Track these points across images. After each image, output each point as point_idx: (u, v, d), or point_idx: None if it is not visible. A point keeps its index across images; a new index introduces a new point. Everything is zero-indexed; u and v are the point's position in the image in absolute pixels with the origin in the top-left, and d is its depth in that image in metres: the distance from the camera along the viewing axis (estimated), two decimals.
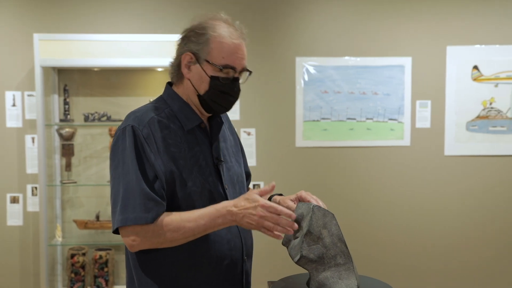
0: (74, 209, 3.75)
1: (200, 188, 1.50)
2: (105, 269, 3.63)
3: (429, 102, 3.86)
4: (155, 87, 3.69)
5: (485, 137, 3.87)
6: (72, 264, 3.61)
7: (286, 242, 1.55)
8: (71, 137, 3.61)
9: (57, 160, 3.69)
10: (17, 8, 3.64)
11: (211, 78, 1.50)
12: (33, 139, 3.65)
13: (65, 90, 3.63)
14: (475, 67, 3.85)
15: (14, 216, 3.68)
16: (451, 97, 3.85)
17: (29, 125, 3.66)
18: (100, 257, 3.62)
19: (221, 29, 1.50)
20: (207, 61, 1.49)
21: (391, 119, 3.84)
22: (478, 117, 3.87)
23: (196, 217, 1.41)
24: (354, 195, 3.87)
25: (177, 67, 1.57)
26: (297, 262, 1.45)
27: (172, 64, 1.59)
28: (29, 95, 3.64)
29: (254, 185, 3.75)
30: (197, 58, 1.51)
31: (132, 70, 3.71)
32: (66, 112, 3.62)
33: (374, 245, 3.89)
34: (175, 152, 1.49)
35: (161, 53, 3.38)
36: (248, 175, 1.83)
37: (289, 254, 1.50)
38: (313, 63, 3.80)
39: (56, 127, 3.63)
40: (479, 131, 3.87)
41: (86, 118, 3.59)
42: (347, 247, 1.48)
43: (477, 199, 3.90)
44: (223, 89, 1.51)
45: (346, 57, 3.82)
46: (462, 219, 3.91)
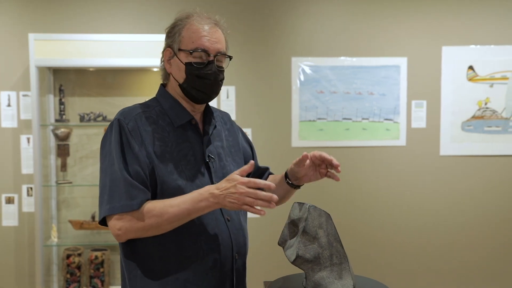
0: (70, 210, 3.74)
1: (186, 183, 1.51)
2: (101, 270, 3.63)
3: (425, 102, 3.87)
4: (151, 87, 3.69)
5: (481, 137, 3.88)
6: (68, 265, 3.60)
7: (282, 242, 1.55)
8: (67, 137, 3.60)
9: (53, 161, 3.68)
10: (12, 8, 3.63)
11: (186, 65, 1.55)
12: (29, 140, 3.64)
13: (61, 90, 3.62)
14: (471, 67, 3.86)
15: (9, 217, 3.66)
16: (447, 97, 3.87)
17: (25, 125, 3.65)
18: (96, 258, 3.61)
19: (191, 18, 1.56)
20: (180, 49, 1.55)
21: (387, 119, 3.85)
22: (474, 117, 3.88)
23: (179, 202, 1.43)
24: (350, 195, 3.88)
25: (164, 67, 1.64)
26: (293, 262, 1.45)
27: (161, 66, 1.66)
28: (24, 95, 3.63)
29: None
30: (174, 51, 1.57)
31: (128, 70, 3.70)
32: (62, 112, 3.61)
33: (370, 245, 3.90)
34: (161, 146, 1.52)
35: (157, 53, 3.31)
36: (265, 169, 1.87)
37: (285, 254, 1.50)
38: (309, 63, 3.81)
39: (52, 127, 3.62)
40: (475, 131, 3.88)
41: (82, 118, 3.58)
42: (343, 247, 1.48)
43: (473, 199, 3.92)
44: (198, 73, 1.54)
45: (342, 57, 3.82)
46: (458, 219, 3.92)
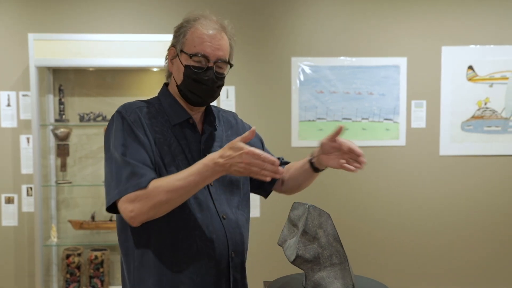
0: (69, 210, 3.74)
1: None
2: (101, 270, 3.62)
3: (424, 102, 3.87)
4: (150, 87, 3.69)
5: (480, 137, 3.88)
6: (68, 265, 3.60)
7: (282, 242, 1.55)
8: (66, 137, 3.60)
9: (52, 161, 3.68)
10: (12, 8, 3.63)
11: (185, 67, 1.56)
12: (28, 139, 3.63)
13: (60, 90, 3.62)
14: (470, 67, 3.86)
15: (9, 217, 3.66)
16: (446, 97, 3.87)
17: (24, 125, 3.65)
18: (96, 258, 3.61)
19: (198, 22, 1.57)
20: (182, 51, 1.57)
21: (387, 119, 3.85)
22: (473, 117, 3.88)
23: (186, 175, 1.43)
24: (350, 195, 3.88)
25: (167, 65, 1.66)
26: (293, 262, 1.45)
27: (165, 64, 1.67)
28: (24, 95, 3.63)
29: None
30: (177, 51, 1.59)
31: (127, 70, 3.70)
32: (61, 112, 3.61)
33: (370, 245, 3.90)
34: (160, 139, 1.55)
35: (156, 53, 3.38)
36: (284, 163, 1.87)
37: (285, 254, 1.50)
38: (309, 63, 3.80)
39: (51, 127, 3.62)
40: (474, 131, 3.88)
41: (81, 118, 3.58)
42: (343, 247, 1.48)
43: (472, 199, 3.92)
44: (196, 78, 1.56)
45: (342, 57, 3.82)
46: (457, 219, 3.92)
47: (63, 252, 3.62)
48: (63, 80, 3.69)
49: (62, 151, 3.61)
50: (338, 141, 1.62)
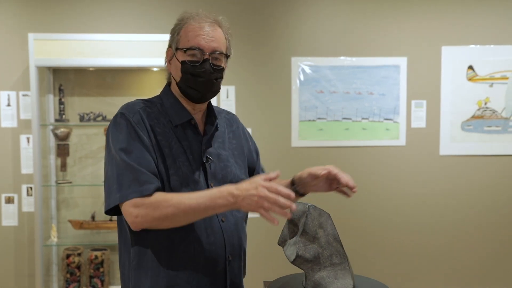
0: (70, 209, 3.74)
1: (181, 179, 1.52)
2: (101, 269, 3.63)
3: (425, 102, 3.87)
4: (151, 87, 3.69)
5: (480, 137, 3.88)
6: (68, 265, 3.60)
7: (282, 242, 1.55)
8: (66, 137, 3.60)
9: (52, 160, 3.68)
10: (12, 8, 3.63)
11: (182, 63, 1.56)
12: (28, 139, 3.64)
13: (60, 90, 3.62)
14: (470, 67, 3.86)
15: (9, 217, 3.66)
16: (446, 97, 3.87)
17: (24, 125, 3.65)
18: (96, 257, 3.61)
19: (191, 18, 1.58)
20: (177, 48, 1.57)
21: (387, 119, 3.85)
22: (473, 117, 3.88)
23: (197, 196, 1.42)
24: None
25: (167, 67, 1.66)
26: (293, 262, 1.45)
27: (165, 66, 1.68)
28: (24, 95, 3.63)
29: None
30: (173, 50, 1.60)
31: (128, 70, 3.70)
32: (61, 112, 3.61)
33: (370, 245, 3.90)
34: (161, 140, 1.54)
35: (156, 53, 3.38)
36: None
37: (285, 254, 1.50)
38: (309, 63, 3.80)
39: (51, 127, 3.62)
40: (474, 131, 3.88)
41: (82, 118, 3.58)
42: (343, 247, 1.48)
43: (472, 199, 3.92)
44: (193, 71, 1.55)
45: (342, 57, 3.82)
46: (457, 219, 3.92)
47: (63, 252, 3.62)
48: (63, 80, 3.69)
49: (62, 151, 3.61)
50: (333, 174, 1.58)
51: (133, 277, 1.56)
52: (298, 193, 1.70)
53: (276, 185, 1.35)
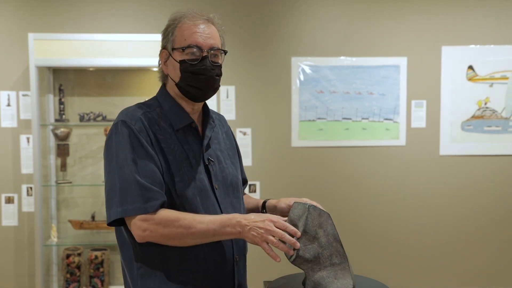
0: (70, 209, 3.74)
1: (187, 185, 1.51)
2: (101, 269, 3.63)
3: (425, 102, 3.87)
4: (150, 87, 3.69)
5: (480, 137, 3.88)
6: (68, 265, 3.60)
7: (282, 242, 1.55)
8: (66, 137, 3.60)
9: (52, 160, 3.68)
10: (12, 8, 3.63)
11: (180, 63, 1.55)
12: (28, 139, 3.64)
13: (60, 90, 3.62)
14: (470, 67, 3.86)
15: (9, 217, 3.66)
16: (446, 97, 3.87)
17: (24, 125, 3.65)
18: (96, 257, 3.61)
19: (183, 17, 1.58)
20: (174, 48, 1.57)
21: (387, 119, 3.85)
22: (473, 117, 3.88)
23: (208, 221, 1.42)
24: (350, 195, 3.88)
25: (161, 69, 1.65)
26: (293, 262, 1.45)
27: (159, 68, 1.67)
28: (24, 95, 3.63)
29: (250, 185, 3.75)
30: (169, 51, 1.59)
31: (127, 70, 3.70)
32: (61, 112, 3.61)
33: (370, 245, 3.90)
34: (165, 148, 1.52)
35: (156, 53, 3.32)
36: (245, 181, 1.83)
37: (285, 254, 1.50)
38: (309, 63, 3.80)
39: (51, 127, 3.62)
40: (474, 131, 3.88)
41: (82, 118, 3.58)
42: (343, 247, 1.48)
43: (472, 199, 3.92)
44: (193, 70, 1.54)
45: (342, 57, 3.82)
46: (458, 219, 3.93)
47: (63, 252, 3.62)
48: (63, 80, 3.69)
49: (62, 151, 3.61)
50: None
51: (141, 285, 1.53)
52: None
53: (284, 222, 1.40)
